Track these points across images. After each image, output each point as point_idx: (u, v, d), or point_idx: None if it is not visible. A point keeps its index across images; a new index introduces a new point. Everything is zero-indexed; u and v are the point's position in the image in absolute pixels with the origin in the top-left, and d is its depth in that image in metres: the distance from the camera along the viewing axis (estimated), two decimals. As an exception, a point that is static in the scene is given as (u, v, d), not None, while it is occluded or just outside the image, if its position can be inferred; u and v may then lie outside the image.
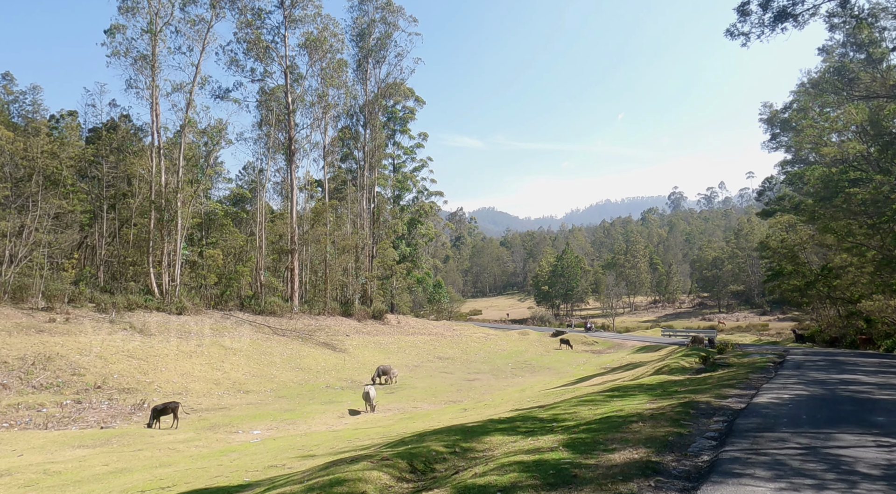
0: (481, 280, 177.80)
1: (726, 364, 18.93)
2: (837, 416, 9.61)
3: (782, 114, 45.76)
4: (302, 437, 16.39)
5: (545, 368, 41.04)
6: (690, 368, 19.14)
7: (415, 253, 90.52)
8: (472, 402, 24.78)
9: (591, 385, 19.41)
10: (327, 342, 42.81)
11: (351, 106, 65.26)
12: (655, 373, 18.89)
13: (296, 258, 52.95)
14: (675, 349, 43.23)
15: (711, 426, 8.25)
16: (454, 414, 17.61)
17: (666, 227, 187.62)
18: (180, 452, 14.59)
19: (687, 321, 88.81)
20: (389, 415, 21.83)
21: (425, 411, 22.18)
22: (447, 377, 36.73)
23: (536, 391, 25.86)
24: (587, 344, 56.58)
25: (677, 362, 20.56)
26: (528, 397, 18.40)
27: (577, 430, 7.94)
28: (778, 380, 14.45)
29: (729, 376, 14.90)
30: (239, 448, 14.64)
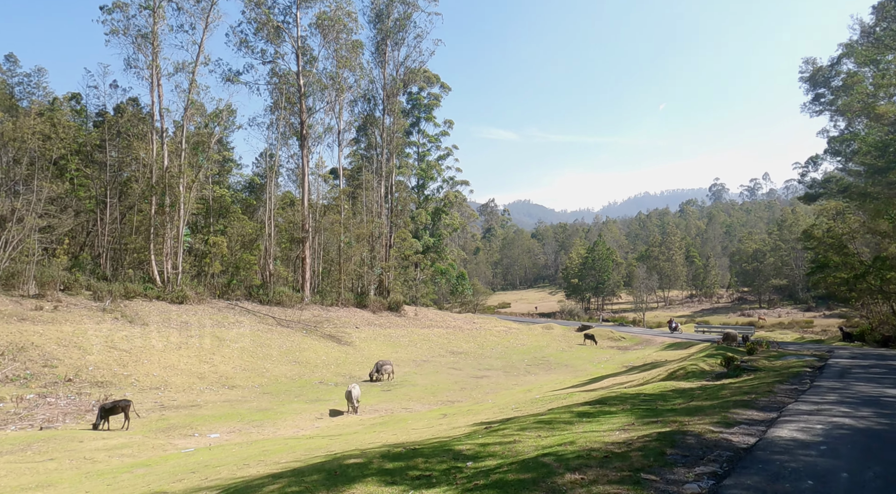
0: (511, 273, 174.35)
1: (753, 369, 15.89)
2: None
3: (828, 72, 39.94)
4: (247, 446, 14.16)
5: (563, 365, 38.19)
6: (709, 372, 16.21)
7: (439, 244, 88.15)
8: (466, 404, 22.26)
9: (587, 390, 16.65)
10: (333, 335, 40.82)
11: (368, 90, 63.07)
12: (668, 377, 16.08)
13: (307, 247, 51.13)
14: (706, 346, 39.79)
15: (686, 488, 5.28)
16: (429, 422, 15.16)
17: (705, 219, 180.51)
18: (93, 464, 12.55)
19: (724, 316, 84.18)
20: (369, 418, 19.50)
21: (410, 414, 19.77)
22: (454, 373, 34.26)
23: (542, 391, 23.19)
24: (613, 340, 53.33)
25: (696, 364, 17.57)
26: (518, 402, 15.80)
27: (484, 483, 5.38)
28: (812, 395, 11.31)
29: (750, 386, 11.94)
30: (158, 461, 12.49)
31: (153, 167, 39.21)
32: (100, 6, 36.60)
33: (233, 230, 46.06)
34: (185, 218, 41.01)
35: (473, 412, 15.81)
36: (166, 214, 39.82)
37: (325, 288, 54.07)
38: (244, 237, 47.96)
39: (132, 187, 41.84)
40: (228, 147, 51.08)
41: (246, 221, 47.11)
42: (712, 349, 25.48)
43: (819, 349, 32.04)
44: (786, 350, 26.52)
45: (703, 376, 15.51)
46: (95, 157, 44.00)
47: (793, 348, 34.58)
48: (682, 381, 14.38)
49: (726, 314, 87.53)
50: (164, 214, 39.74)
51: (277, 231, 50.70)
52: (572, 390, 21.41)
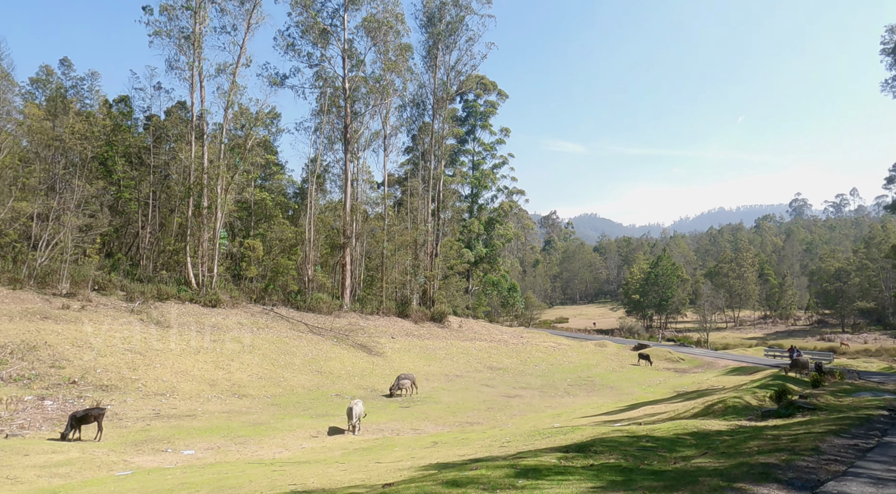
0: (571, 287, 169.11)
1: (810, 407, 12.65)
2: None
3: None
4: (197, 470, 12.39)
5: (607, 387, 34.94)
6: (755, 408, 13.19)
7: (492, 254, 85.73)
8: (479, 429, 19.82)
9: (608, 420, 13.86)
10: (364, 344, 39.18)
11: (417, 95, 61.75)
12: (702, 412, 13.22)
13: (348, 253, 49.99)
14: (775, 372, 35.65)
15: None
16: (412, 451, 12.97)
17: (782, 235, 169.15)
18: (11, 484, 11.09)
19: (801, 340, 77.20)
20: (363, 441, 17.44)
21: (402, 438, 17.55)
22: (486, 391, 31.78)
23: (570, 418, 20.48)
24: (671, 361, 49.22)
25: (741, 397, 14.45)
26: (531, 431, 13.31)
27: None
28: (877, 460, 8.03)
29: (793, 435, 8.93)
30: (80, 486, 10.87)
31: (191, 169, 38.98)
32: (142, 6, 36.78)
33: (272, 235, 45.44)
34: (221, 220, 40.56)
35: (465, 443, 13.48)
36: (203, 216, 39.48)
37: (366, 296, 52.73)
38: (284, 242, 47.31)
39: (174, 189, 41.89)
40: (274, 151, 50.74)
41: (286, 225, 46.45)
42: (768, 379, 21.91)
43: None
44: (865, 383, 22.58)
45: (745, 413, 12.57)
46: (144, 159, 44.46)
47: (876, 380, 30.11)
48: (713, 419, 11.55)
49: (803, 337, 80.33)
50: (200, 216, 39.42)
51: (319, 237, 49.79)
52: (601, 417, 18.64)
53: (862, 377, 29.95)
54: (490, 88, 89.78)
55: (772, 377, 24.21)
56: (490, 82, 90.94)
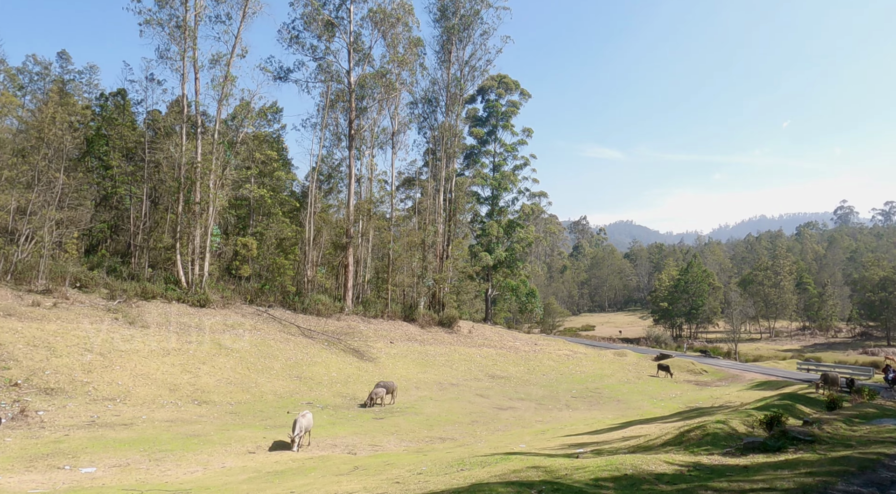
0: (600, 294, 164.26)
1: (808, 439, 9.68)
2: None
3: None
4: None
5: (614, 400, 31.93)
6: (740, 437, 10.37)
7: (511, 258, 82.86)
8: (444, 447, 17.34)
9: (559, 448, 11.22)
10: (357, 349, 37.00)
11: (429, 91, 59.59)
12: (671, 442, 10.51)
13: (350, 254, 48.02)
14: (805, 386, 32.21)
15: None
16: (332, 477, 10.63)
17: (824, 243, 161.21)
18: None
19: (842, 353, 72.16)
20: (298, 459, 15.13)
21: (353, 458, 15.15)
22: (478, 401, 29.20)
23: (550, 438, 17.82)
24: (693, 373, 45.71)
25: (727, 423, 11.50)
26: (455, 460, 10.76)
27: None
28: None
29: (767, 485, 6.33)
30: None
31: (181, 163, 37.54)
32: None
33: (270, 233, 43.73)
34: (213, 217, 39.01)
35: (390, 468, 11.07)
36: (194, 212, 37.95)
37: (371, 299, 50.66)
38: (283, 241, 45.60)
39: (167, 184, 40.55)
40: (276, 146, 49.15)
41: (286, 224, 44.69)
42: (778, 398, 18.70)
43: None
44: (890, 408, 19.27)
45: (725, 443, 9.82)
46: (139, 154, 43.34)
47: (919, 399, 26.48)
48: (678, 454, 8.87)
49: (844, 350, 75.12)
50: (190, 212, 37.90)
51: (321, 237, 47.97)
52: (577, 438, 15.97)
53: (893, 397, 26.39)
54: (512, 88, 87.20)
55: (783, 396, 21.02)
56: (512, 81, 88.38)
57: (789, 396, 19.87)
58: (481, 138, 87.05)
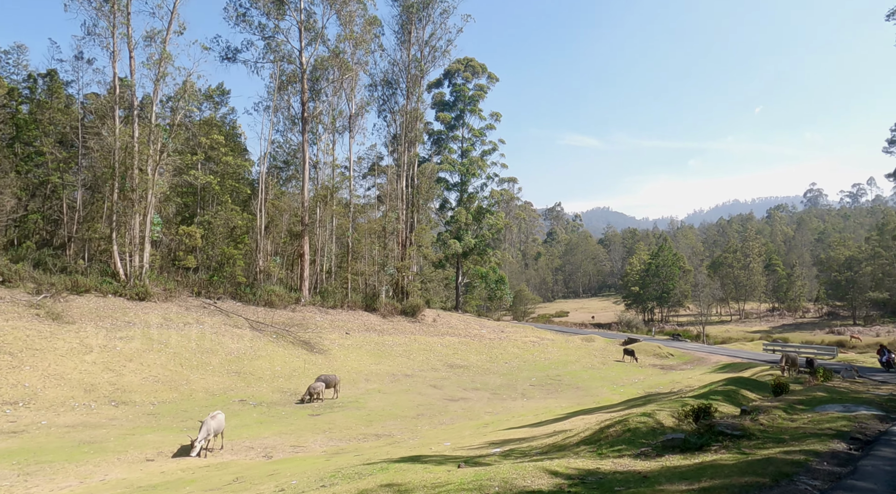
0: (574, 280, 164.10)
1: (737, 434, 8.18)
2: None
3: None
4: None
5: (573, 387, 30.67)
6: (663, 432, 8.97)
7: (481, 245, 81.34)
8: (370, 447, 15.78)
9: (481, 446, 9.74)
10: (308, 341, 35.21)
11: (388, 72, 57.51)
12: (586, 441, 9.12)
13: (306, 242, 46.01)
14: (767, 368, 31.42)
15: None
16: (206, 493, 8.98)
17: (794, 225, 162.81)
18: None
19: (809, 333, 72.25)
20: (198, 466, 13.41)
21: (249, 464, 13.47)
22: (429, 393, 27.69)
23: (490, 432, 16.35)
24: (660, 357, 44.85)
25: (653, 416, 10.00)
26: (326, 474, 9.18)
27: None
28: None
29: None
30: None
31: (115, 148, 35.13)
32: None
33: (218, 222, 41.54)
34: (153, 205, 36.73)
35: (274, 478, 9.44)
36: (132, 200, 35.62)
37: (329, 289, 48.77)
38: (234, 230, 43.45)
39: (103, 171, 38.06)
40: (225, 131, 46.70)
41: (236, 212, 42.50)
42: (722, 384, 17.39)
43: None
44: (851, 389, 18.16)
45: (643, 441, 8.44)
46: (73, 139, 40.68)
47: (880, 377, 25.67)
48: (583, 457, 7.42)
49: (811, 330, 75.30)
50: (126, 200, 35.57)
51: (275, 225, 45.91)
52: (510, 432, 14.51)
53: (862, 376, 25.53)
54: (479, 71, 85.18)
55: (729, 380, 19.75)
56: (479, 65, 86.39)
57: (735, 381, 18.65)
58: (448, 123, 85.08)
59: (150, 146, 36.05)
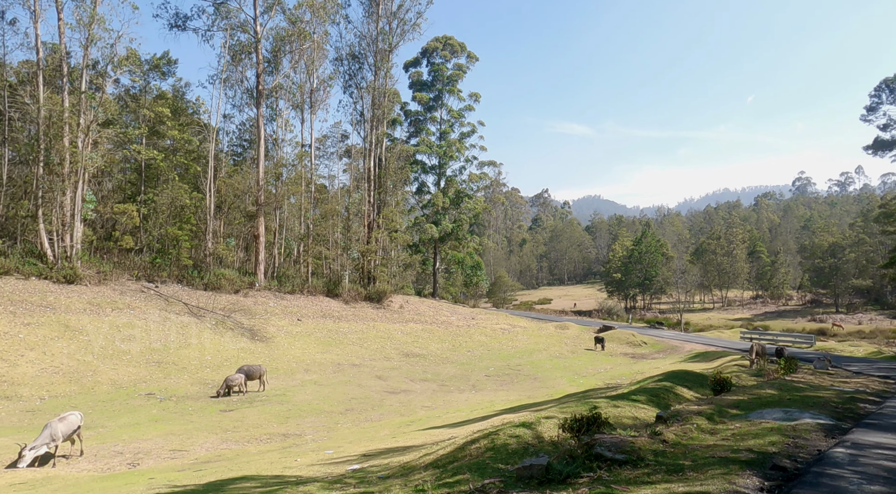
0: (559, 267, 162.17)
1: (623, 458, 5.65)
2: None
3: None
4: None
5: (531, 378, 28.40)
6: (537, 452, 6.66)
7: (458, 230, 78.87)
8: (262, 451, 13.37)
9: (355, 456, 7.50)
10: (252, 328, 32.68)
11: (355, 46, 54.52)
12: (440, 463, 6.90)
13: (261, 223, 43.30)
14: (738, 357, 29.41)
15: None
16: None
17: (780, 212, 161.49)
18: None
19: (791, 321, 70.66)
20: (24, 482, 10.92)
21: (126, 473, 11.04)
22: (372, 385, 25.32)
23: (415, 426, 14.03)
24: (633, 345, 42.78)
25: (532, 428, 7.31)
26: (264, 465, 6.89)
27: None
28: None
29: None
30: None
31: (38, 115, 32.21)
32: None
33: (162, 200, 38.76)
34: (85, 181, 33.91)
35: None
36: (57, 175, 32.76)
37: (288, 273, 46.17)
38: (183, 209, 40.68)
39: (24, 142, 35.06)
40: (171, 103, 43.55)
41: (183, 190, 39.70)
42: (657, 380, 15.08)
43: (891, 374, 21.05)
44: (812, 384, 15.98)
45: (508, 461, 6.16)
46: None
47: (854, 368, 23.68)
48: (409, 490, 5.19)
49: (793, 318, 73.68)
50: (53, 174, 32.71)
51: (227, 205, 43.19)
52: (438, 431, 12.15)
53: (837, 366, 23.47)
54: (458, 50, 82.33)
55: (667, 375, 17.39)
56: (458, 43, 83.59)
57: (673, 375, 16.36)
58: (426, 104, 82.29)
59: (80, 116, 33.18)
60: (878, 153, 35.51)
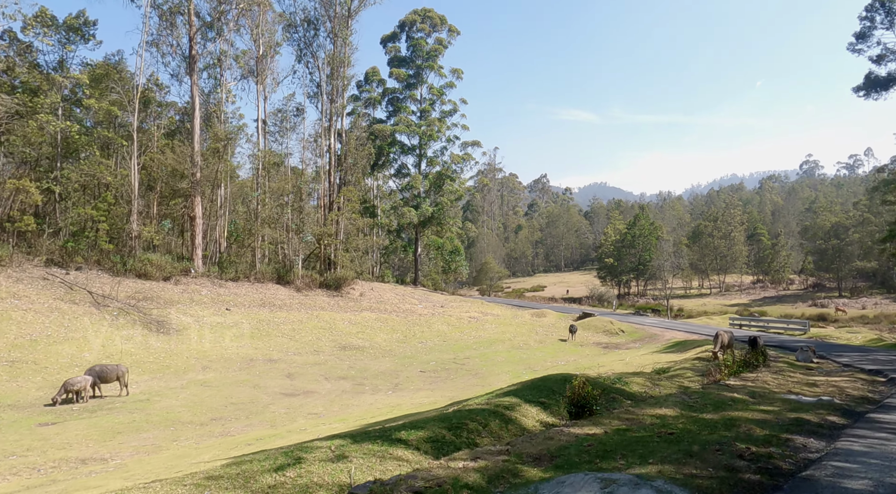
0: (555, 253, 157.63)
1: None
2: None
3: None
4: None
5: (472, 374, 24.24)
6: None
7: (439, 214, 74.64)
8: None
9: None
10: (162, 319, 28.60)
11: (309, 11, 50.00)
12: None
13: (198, 203, 39.18)
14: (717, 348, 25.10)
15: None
16: None
17: (785, 194, 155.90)
18: None
19: (791, 306, 66.15)
20: None
21: None
22: (270, 386, 21.24)
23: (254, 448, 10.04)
24: (609, 334, 38.58)
25: None
26: None
27: None
28: None
29: None
30: None
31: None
32: None
33: (76, 178, 34.66)
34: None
35: None
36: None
37: (232, 258, 42.13)
38: (105, 188, 36.59)
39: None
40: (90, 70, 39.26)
41: (102, 167, 35.55)
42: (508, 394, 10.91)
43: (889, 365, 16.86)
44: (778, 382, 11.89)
45: None
46: None
47: (847, 358, 19.48)
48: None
49: (793, 303, 69.12)
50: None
51: (159, 183, 39.12)
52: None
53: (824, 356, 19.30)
54: (438, 24, 77.86)
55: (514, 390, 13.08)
56: (438, 16, 79.07)
57: (536, 385, 11.88)
58: (405, 81, 77.92)
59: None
60: (872, 94, 30.26)
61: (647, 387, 13.39)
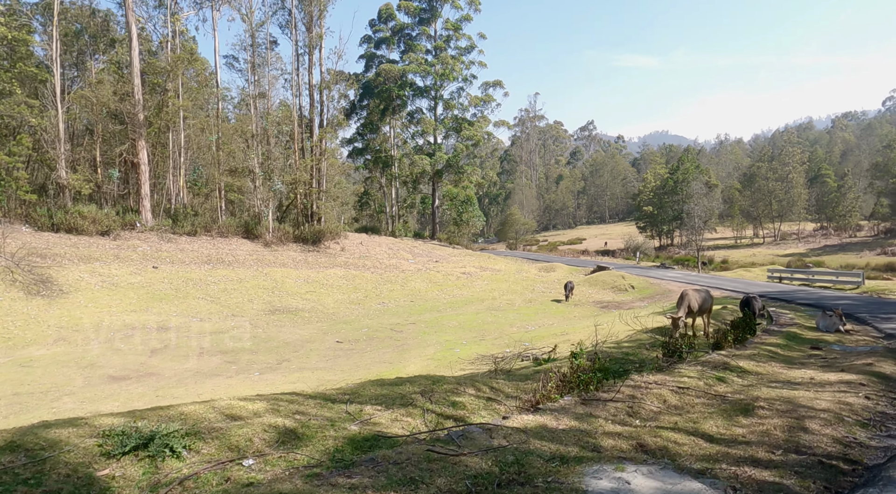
0: (599, 204, 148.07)
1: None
2: None
3: None
4: None
5: (399, 346, 18.54)
6: None
7: (456, 162, 68.37)
8: None
9: None
10: (49, 278, 24.15)
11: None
12: None
13: (142, 148, 34.54)
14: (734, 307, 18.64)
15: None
16: None
17: (859, 133, 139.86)
18: None
19: (855, 255, 57.05)
20: None
21: None
22: (118, 363, 16.37)
23: None
24: (616, 291, 32.22)
25: None
26: None
27: None
28: None
29: None
30: None
31: None
32: None
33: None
34: None
35: None
36: None
37: (188, 211, 37.57)
38: (29, 131, 32.33)
39: None
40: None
41: (24, 107, 31.11)
42: None
43: None
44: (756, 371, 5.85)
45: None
46: None
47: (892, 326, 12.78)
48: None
49: (859, 251, 59.76)
50: None
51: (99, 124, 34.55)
52: None
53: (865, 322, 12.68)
54: (453, -55, 70.34)
55: None
56: (451, -61, 71.36)
57: None
58: (416, 14, 70.94)
59: None
60: None
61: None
